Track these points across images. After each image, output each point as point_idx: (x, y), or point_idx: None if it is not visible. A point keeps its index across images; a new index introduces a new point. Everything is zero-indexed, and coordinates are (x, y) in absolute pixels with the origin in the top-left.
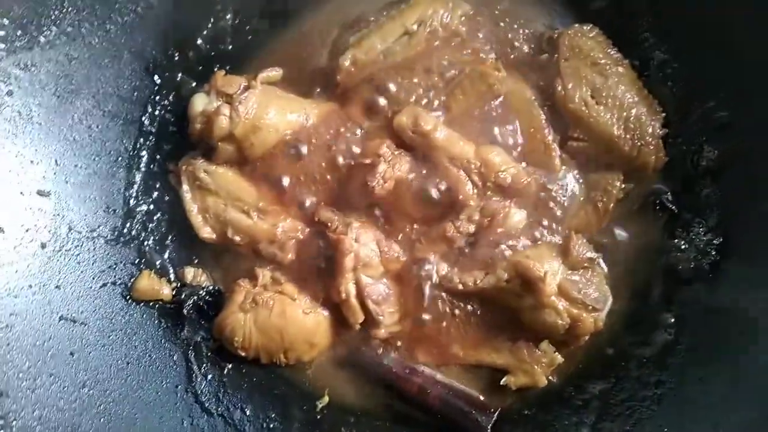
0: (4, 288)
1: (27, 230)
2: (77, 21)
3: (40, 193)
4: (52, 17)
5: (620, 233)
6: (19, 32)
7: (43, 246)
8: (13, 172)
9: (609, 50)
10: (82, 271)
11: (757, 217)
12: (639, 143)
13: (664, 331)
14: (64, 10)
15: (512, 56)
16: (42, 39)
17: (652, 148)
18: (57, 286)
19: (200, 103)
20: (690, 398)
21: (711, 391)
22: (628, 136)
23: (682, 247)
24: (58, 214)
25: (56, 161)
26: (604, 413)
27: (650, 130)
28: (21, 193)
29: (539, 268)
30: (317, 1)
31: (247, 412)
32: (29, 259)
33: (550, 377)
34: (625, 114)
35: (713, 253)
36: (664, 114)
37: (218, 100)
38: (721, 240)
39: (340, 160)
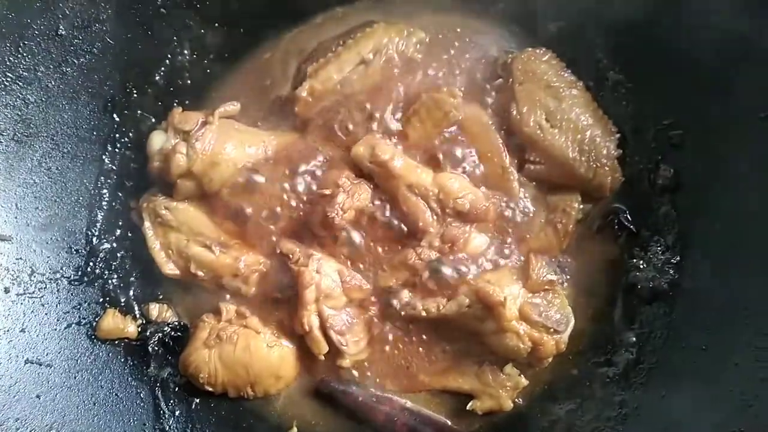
0: None
1: None
2: (33, 65)
3: (1, 237)
4: (8, 63)
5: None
6: None
7: (7, 290)
8: None
9: (563, 73)
10: (46, 313)
11: (714, 234)
12: (594, 165)
13: (627, 351)
14: (19, 55)
15: (468, 81)
16: None
17: (607, 169)
18: (22, 330)
19: (158, 141)
20: (654, 416)
21: (674, 409)
22: (583, 158)
23: (641, 266)
24: (20, 258)
25: (17, 205)
26: None
27: (605, 152)
28: None
29: (499, 293)
30: (275, 32)
31: None
32: None
33: (516, 400)
34: (579, 136)
35: (671, 272)
36: (619, 134)
37: (175, 137)
38: (679, 258)
39: (301, 191)
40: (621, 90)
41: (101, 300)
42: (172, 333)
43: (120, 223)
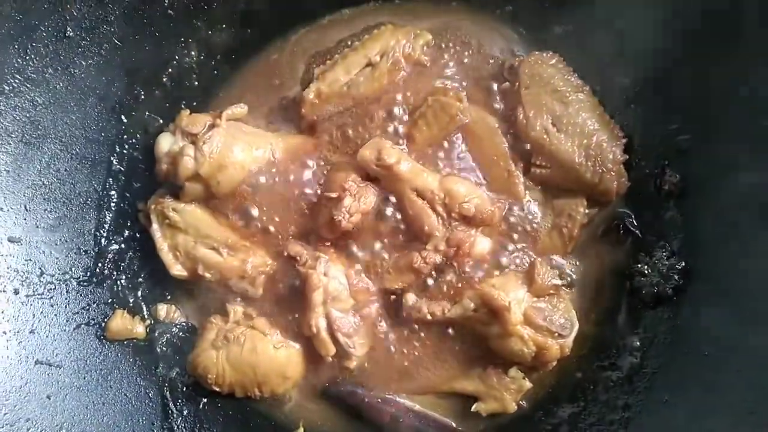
0: None
1: None
2: (41, 67)
3: (11, 239)
4: (16, 65)
5: (586, 258)
6: None
7: (16, 292)
8: None
9: (569, 77)
10: (55, 314)
11: (719, 240)
12: (600, 170)
13: (631, 355)
14: (27, 57)
15: (475, 85)
16: (6, 87)
17: (613, 174)
18: (31, 331)
19: (165, 143)
20: (656, 421)
21: (677, 414)
22: (589, 163)
23: (646, 271)
24: (30, 259)
25: (25, 207)
26: None
27: (611, 157)
28: None
29: (504, 298)
30: (282, 33)
31: None
32: (2, 305)
33: (520, 402)
34: (586, 141)
35: (676, 277)
36: (625, 139)
37: (183, 140)
38: (684, 264)
39: (307, 193)
40: (628, 94)
41: (110, 301)
42: (180, 333)
43: (128, 224)
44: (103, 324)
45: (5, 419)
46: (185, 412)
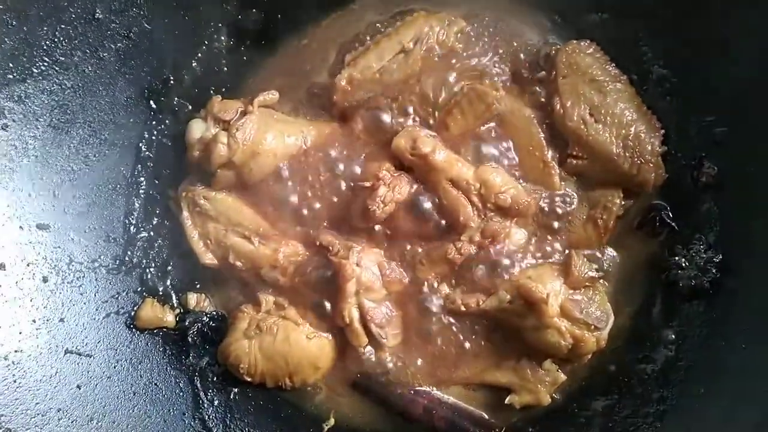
0: (8, 324)
1: (28, 265)
2: (69, 50)
3: (40, 226)
4: (44, 47)
5: (621, 250)
6: (11, 64)
7: (45, 279)
8: (12, 207)
9: (607, 66)
10: (85, 303)
11: (757, 233)
12: (638, 161)
13: (666, 348)
14: (56, 39)
15: (510, 73)
16: (34, 70)
17: (651, 165)
18: (61, 319)
19: (197, 130)
20: (692, 414)
21: (713, 407)
22: (627, 154)
23: (683, 264)
24: (59, 247)
25: (54, 193)
26: (608, 430)
27: (649, 148)
28: (20, 227)
29: (541, 290)
30: (313, 18)
31: None
32: (32, 294)
33: (553, 395)
34: (624, 132)
35: (713, 270)
36: (663, 130)
37: (215, 126)
38: (721, 257)
39: (340, 182)
40: (665, 84)
41: (139, 289)
42: (210, 323)
43: (157, 211)
44: (132, 313)
45: (37, 409)
46: (216, 402)
